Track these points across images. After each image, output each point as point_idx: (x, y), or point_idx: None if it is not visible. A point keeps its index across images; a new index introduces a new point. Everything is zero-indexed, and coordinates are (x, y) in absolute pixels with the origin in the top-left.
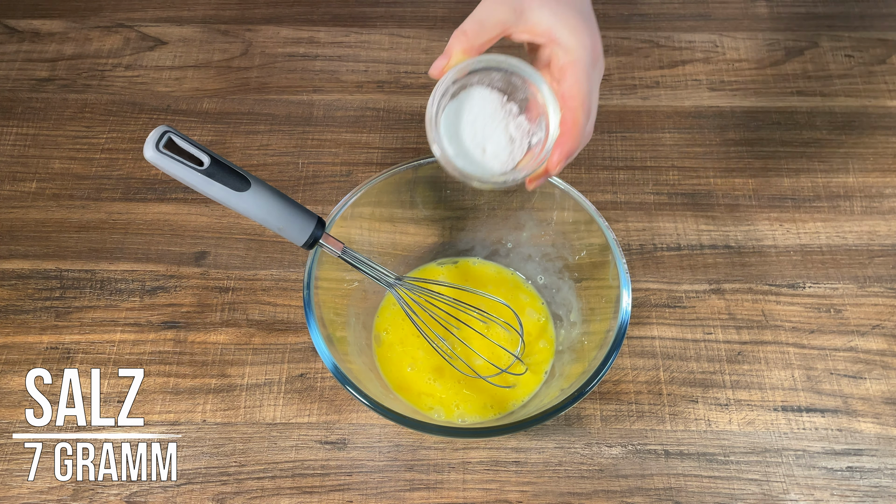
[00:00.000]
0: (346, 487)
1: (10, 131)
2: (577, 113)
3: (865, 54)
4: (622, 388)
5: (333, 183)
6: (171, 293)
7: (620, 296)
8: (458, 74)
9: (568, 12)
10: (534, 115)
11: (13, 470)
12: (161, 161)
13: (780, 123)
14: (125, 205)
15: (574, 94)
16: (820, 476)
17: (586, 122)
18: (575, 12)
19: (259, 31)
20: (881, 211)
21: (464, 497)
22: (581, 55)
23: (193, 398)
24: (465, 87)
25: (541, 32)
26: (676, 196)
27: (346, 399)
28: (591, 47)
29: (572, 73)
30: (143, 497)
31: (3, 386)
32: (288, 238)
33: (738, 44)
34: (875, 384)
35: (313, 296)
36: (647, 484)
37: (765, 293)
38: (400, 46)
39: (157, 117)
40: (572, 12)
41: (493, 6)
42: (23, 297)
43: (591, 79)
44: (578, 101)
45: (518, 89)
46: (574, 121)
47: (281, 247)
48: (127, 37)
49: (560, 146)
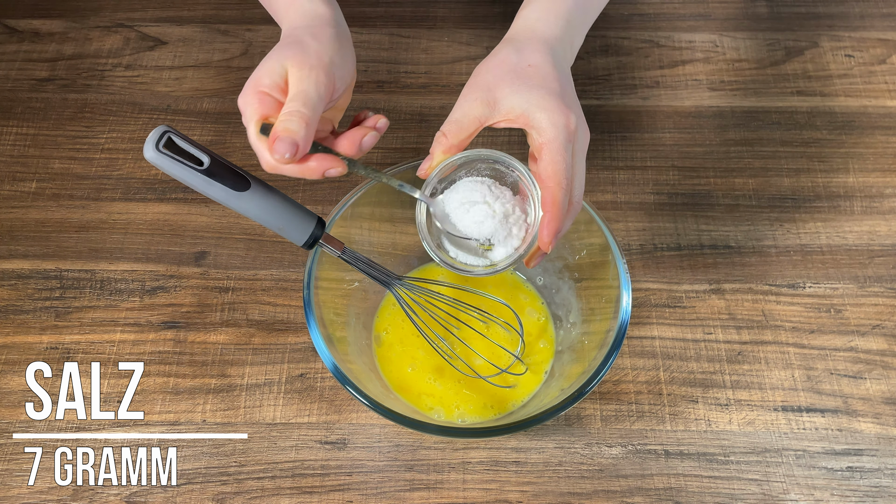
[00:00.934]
0: (346, 487)
1: (10, 131)
2: (554, 192)
3: (865, 54)
4: (622, 388)
5: (333, 183)
6: (171, 293)
7: (620, 296)
8: (443, 173)
9: (539, 94)
10: (524, 195)
11: (13, 470)
12: (161, 161)
13: (780, 123)
14: (125, 205)
15: (550, 173)
16: (820, 476)
17: (566, 198)
18: (546, 92)
19: (259, 30)
20: (881, 211)
21: (464, 497)
22: (554, 134)
23: (193, 398)
24: (454, 181)
25: (515, 118)
26: (676, 196)
27: (346, 399)
28: (565, 125)
29: (547, 152)
30: (143, 497)
31: (3, 386)
32: (288, 238)
33: (738, 44)
34: (875, 384)
35: (313, 296)
36: (647, 484)
37: (765, 293)
38: (400, 46)
39: (157, 117)
40: (543, 93)
41: (468, 104)
42: (23, 297)
43: (567, 155)
44: (555, 180)
45: (505, 174)
46: (553, 199)
47: (281, 247)
48: (127, 37)
49: (545, 226)
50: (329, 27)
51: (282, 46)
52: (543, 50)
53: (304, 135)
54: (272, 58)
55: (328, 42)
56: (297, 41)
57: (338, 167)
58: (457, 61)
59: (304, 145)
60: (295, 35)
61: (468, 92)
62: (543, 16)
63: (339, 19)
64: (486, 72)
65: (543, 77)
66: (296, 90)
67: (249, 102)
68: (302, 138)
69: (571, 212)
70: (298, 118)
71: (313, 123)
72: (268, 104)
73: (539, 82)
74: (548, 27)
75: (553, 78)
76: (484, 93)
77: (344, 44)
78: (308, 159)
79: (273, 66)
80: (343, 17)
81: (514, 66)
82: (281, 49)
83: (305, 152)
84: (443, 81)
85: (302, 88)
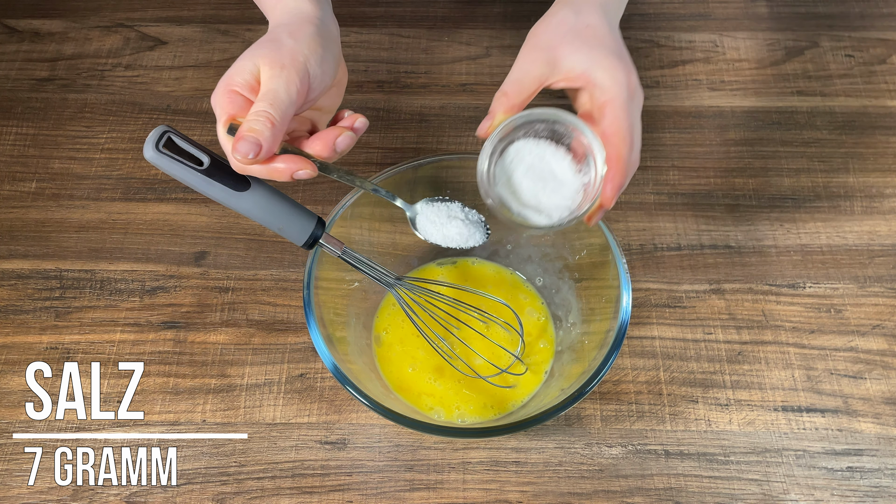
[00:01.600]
0: (346, 487)
1: (9, 131)
2: (619, 148)
3: (865, 54)
4: (622, 388)
5: (333, 183)
6: (171, 293)
7: (620, 296)
8: (505, 132)
9: (600, 53)
10: (581, 156)
11: (13, 470)
12: (161, 161)
13: (780, 123)
14: (125, 205)
15: (615, 130)
16: (820, 476)
17: (630, 154)
18: (607, 52)
19: (259, 31)
20: (881, 211)
21: (464, 497)
22: (617, 92)
23: (193, 398)
24: (513, 140)
25: (576, 77)
26: (676, 196)
27: (346, 399)
28: (627, 83)
29: (611, 110)
30: (143, 497)
31: (3, 386)
32: (288, 238)
33: (738, 44)
34: (875, 384)
35: (313, 296)
36: (647, 484)
37: (765, 293)
38: (400, 46)
39: (157, 117)
40: (605, 52)
41: (528, 63)
42: (23, 297)
43: (630, 112)
44: (620, 136)
45: (563, 136)
46: (618, 155)
47: (281, 247)
48: (127, 37)
49: (610, 181)
50: (309, 25)
51: (257, 45)
52: (598, 11)
53: (269, 136)
54: (246, 56)
55: (305, 40)
56: (274, 39)
57: (306, 169)
58: (457, 61)
59: (269, 147)
60: (273, 33)
61: (527, 52)
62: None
63: (324, 18)
64: (543, 32)
65: (602, 37)
66: (265, 89)
67: (219, 101)
68: (266, 139)
69: (630, 168)
70: (264, 119)
71: (281, 124)
72: (237, 103)
73: (598, 42)
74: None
75: (611, 38)
76: (544, 53)
77: (325, 43)
78: (274, 160)
79: (245, 65)
80: (332, 17)
81: (572, 26)
82: (255, 47)
83: (270, 154)
84: (443, 81)
85: (271, 87)
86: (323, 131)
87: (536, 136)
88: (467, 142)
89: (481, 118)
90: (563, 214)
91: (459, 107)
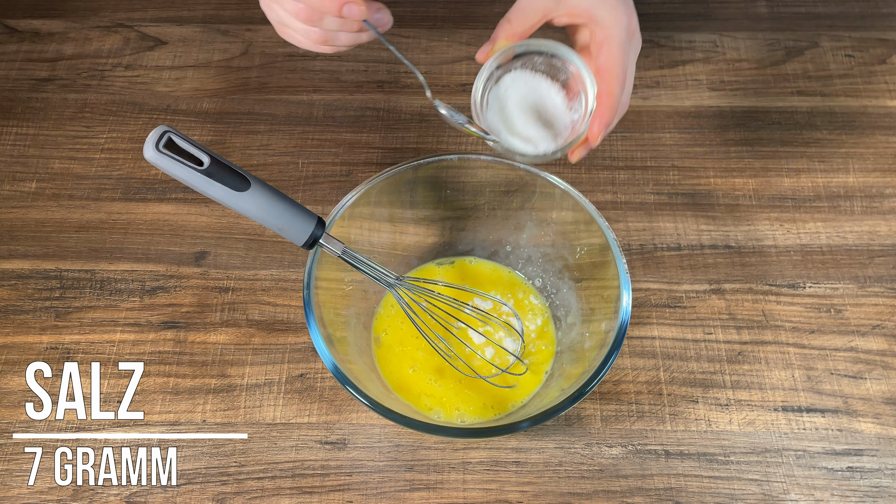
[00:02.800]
0: (346, 487)
1: (10, 131)
2: (611, 85)
3: (865, 54)
4: (622, 388)
5: (333, 183)
6: (171, 293)
7: (620, 296)
8: (503, 59)
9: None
10: (574, 93)
11: (13, 470)
12: (161, 161)
13: (780, 123)
14: (125, 205)
15: (609, 66)
16: (820, 476)
17: (621, 93)
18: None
19: (259, 30)
20: (881, 211)
21: (464, 497)
22: (616, 31)
23: (193, 398)
24: (510, 70)
25: (580, 13)
26: (676, 196)
27: (346, 399)
28: (627, 23)
29: (608, 47)
30: (143, 497)
31: (3, 386)
32: (288, 238)
33: (738, 44)
34: (875, 384)
35: (313, 296)
36: (647, 484)
37: (765, 293)
38: (400, 46)
39: (157, 117)
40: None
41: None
42: (23, 297)
43: (626, 52)
44: (613, 73)
45: (559, 70)
46: (609, 92)
47: (281, 247)
48: (127, 37)
49: (598, 117)
50: None
51: None
52: None
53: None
54: None
55: None
56: None
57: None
58: (457, 61)
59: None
60: None
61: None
62: None
63: None
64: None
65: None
66: None
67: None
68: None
69: (620, 110)
70: None
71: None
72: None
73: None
74: None
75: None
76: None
77: None
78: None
79: None
80: None
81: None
82: None
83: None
84: (443, 81)
85: None
86: None
87: (533, 68)
88: (467, 142)
89: None
90: (549, 145)
91: (459, 107)
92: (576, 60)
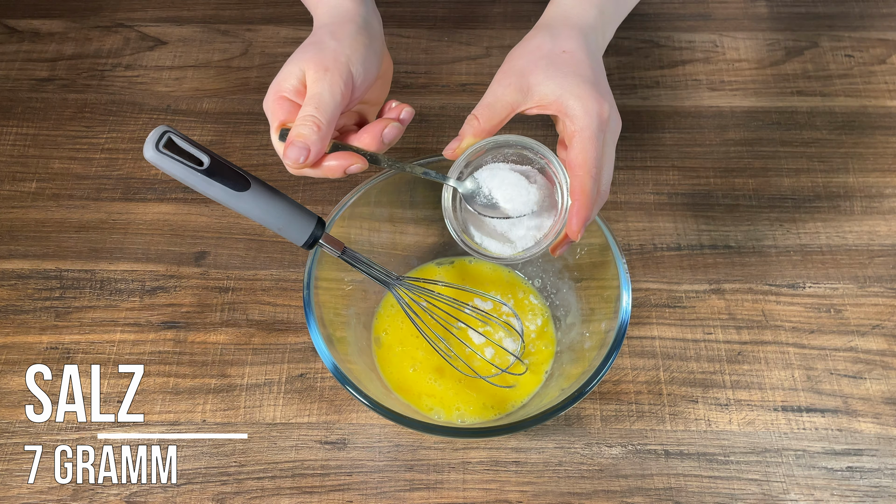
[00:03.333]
0: (346, 487)
1: (10, 131)
2: (583, 180)
3: (865, 54)
4: (622, 388)
5: (333, 183)
6: (171, 293)
7: (620, 296)
8: (472, 156)
9: (573, 81)
10: (551, 184)
11: (13, 470)
12: (161, 161)
13: (780, 123)
14: (125, 205)
15: (580, 161)
16: (820, 476)
17: (595, 186)
18: (580, 80)
19: (259, 30)
20: (881, 211)
21: (464, 497)
22: (587, 123)
23: (193, 398)
24: (479, 166)
25: (549, 104)
26: (676, 196)
27: (346, 399)
28: (598, 111)
29: (578, 140)
30: (142, 497)
31: (3, 386)
32: (288, 238)
33: (738, 44)
34: (875, 384)
35: (313, 296)
36: (647, 484)
37: (765, 293)
38: (400, 46)
39: (157, 117)
40: (577, 80)
41: (501, 90)
42: (23, 297)
43: (598, 144)
44: (584, 168)
45: (532, 161)
46: (581, 188)
47: (281, 247)
48: (127, 37)
49: (575, 214)
50: (351, 24)
51: (302, 48)
52: (577, 37)
53: (317, 139)
54: (292, 61)
55: (347, 41)
56: (317, 42)
57: (357, 163)
58: (457, 61)
59: (318, 150)
60: (317, 35)
61: (501, 77)
62: (578, 3)
63: (366, 15)
64: (519, 57)
65: (577, 64)
66: (310, 93)
67: (270, 108)
68: (314, 143)
69: (599, 200)
70: (311, 123)
71: (327, 127)
72: (286, 108)
73: (573, 69)
74: (582, 14)
75: (587, 65)
76: (517, 78)
77: (367, 41)
78: (325, 159)
79: (292, 70)
80: (374, 12)
81: (548, 52)
82: (301, 51)
83: (319, 156)
84: (443, 81)
85: (316, 91)
86: (370, 124)
87: (506, 160)
88: None
89: None
90: (528, 244)
91: (459, 107)
92: (548, 155)
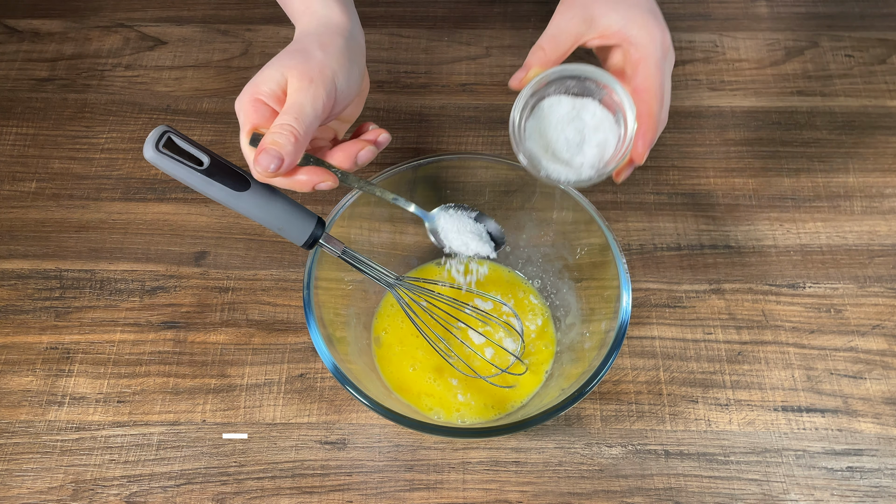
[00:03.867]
0: (346, 487)
1: (9, 131)
2: (651, 104)
3: (865, 54)
4: (622, 388)
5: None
6: (171, 293)
7: (620, 296)
8: (538, 86)
9: (636, 11)
10: (612, 111)
11: (13, 470)
12: (161, 161)
13: (780, 123)
14: (125, 205)
15: (647, 86)
16: (820, 476)
17: (660, 111)
18: (643, 10)
19: (259, 30)
20: (881, 211)
21: (464, 497)
22: (652, 50)
23: (193, 398)
24: (544, 97)
25: (612, 35)
26: (676, 196)
27: (346, 399)
28: (661, 40)
29: (644, 67)
30: (142, 497)
31: (3, 386)
32: (288, 238)
33: (738, 44)
34: (875, 384)
35: (313, 296)
36: (647, 484)
37: (765, 293)
38: (400, 46)
39: (156, 117)
40: (640, 11)
41: (565, 20)
42: (22, 297)
43: (663, 70)
44: (651, 93)
45: (594, 92)
46: (649, 112)
47: (281, 247)
48: (127, 37)
49: (641, 137)
50: (339, 37)
51: (286, 53)
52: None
53: (292, 150)
54: (274, 65)
55: (335, 54)
56: (303, 50)
57: (328, 181)
58: (457, 61)
59: (291, 161)
60: (302, 43)
61: (564, 9)
62: None
63: (353, 30)
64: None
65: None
66: (291, 102)
67: (244, 109)
68: (289, 153)
69: (660, 127)
70: (288, 133)
71: (304, 139)
72: (261, 113)
73: (634, 1)
74: None
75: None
76: (581, 10)
77: (353, 57)
78: (297, 172)
79: (273, 74)
80: (359, 28)
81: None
82: (284, 57)
83: (292, 167)
84: (443, 81)
85: (297, 101)
86: (346, 143)
87: (568, 92)
88: (467, 142)
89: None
90: (591, 170)
91: (459, 107)
92: (612, 82)
